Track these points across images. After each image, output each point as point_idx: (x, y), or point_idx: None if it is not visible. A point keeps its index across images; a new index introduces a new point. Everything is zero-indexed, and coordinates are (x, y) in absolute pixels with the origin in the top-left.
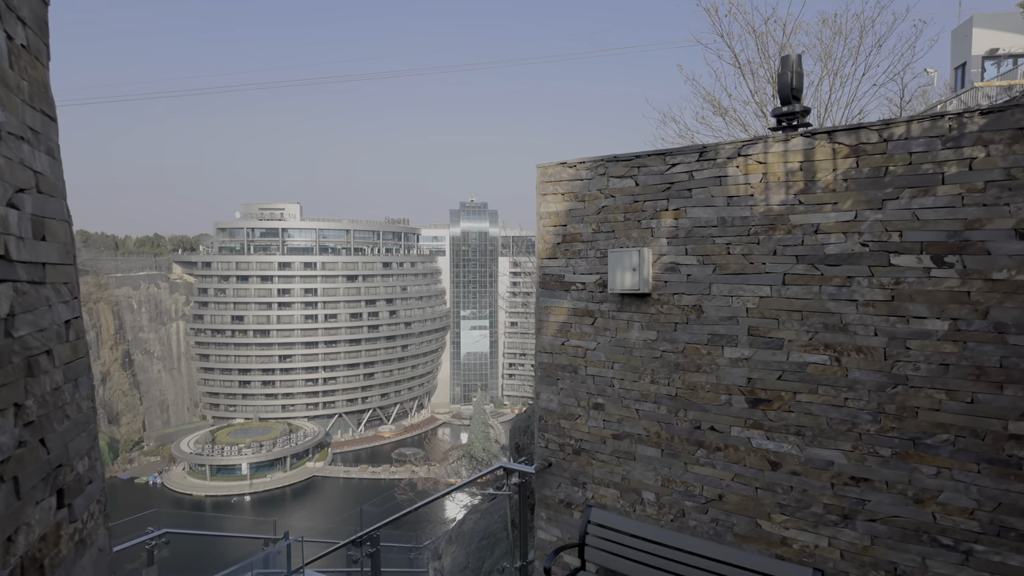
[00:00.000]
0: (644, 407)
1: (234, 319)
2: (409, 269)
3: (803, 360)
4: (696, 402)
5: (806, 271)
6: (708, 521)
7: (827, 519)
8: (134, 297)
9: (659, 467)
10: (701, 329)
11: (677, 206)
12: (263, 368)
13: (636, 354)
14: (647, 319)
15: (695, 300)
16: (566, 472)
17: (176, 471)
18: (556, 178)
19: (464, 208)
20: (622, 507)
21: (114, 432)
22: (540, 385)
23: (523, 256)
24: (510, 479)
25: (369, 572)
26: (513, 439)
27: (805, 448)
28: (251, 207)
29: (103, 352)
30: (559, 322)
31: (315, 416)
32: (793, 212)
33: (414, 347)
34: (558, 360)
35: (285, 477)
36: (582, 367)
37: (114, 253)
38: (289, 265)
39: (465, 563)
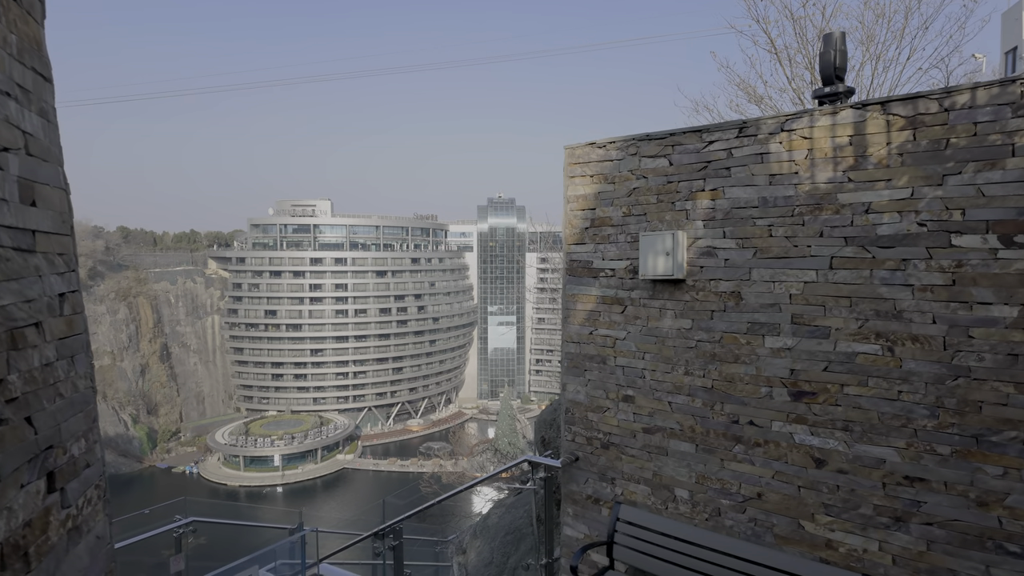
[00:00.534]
0: (677, 400)
1: (267, 313)
2: (437, 265)
3: (852, 350)
4: (734, 395)
5: (856, 254)
6: (746, 521)
7: (878, 521)
8: (171, 292)
9: (693, 463)
10: (740, 317)
11: (714, 186)
12: (295, 362)
13: (669, 344)
14: (681, 307)
15: (733, 286)
16: (594, 467)
17: (211, 461)
18: (584, 159)
19: (492, 204)
20: (653, 504)
21: (153, 423)
22: (567, 376)
23: (551, 252)
24: (536, 473)
25: (392, 565)
26: (539, 432)
27: (853, 445)
28: (284, 204)
29: (142, 345)
30: (587, 310)
31: (345, 409)
32: (842, 190)
33: (442, 342)
34: (586, 350)
35: (316, 469)
36: (611, 357)
37: (152, 249)
38: (320, 261)
39: (490, 558)
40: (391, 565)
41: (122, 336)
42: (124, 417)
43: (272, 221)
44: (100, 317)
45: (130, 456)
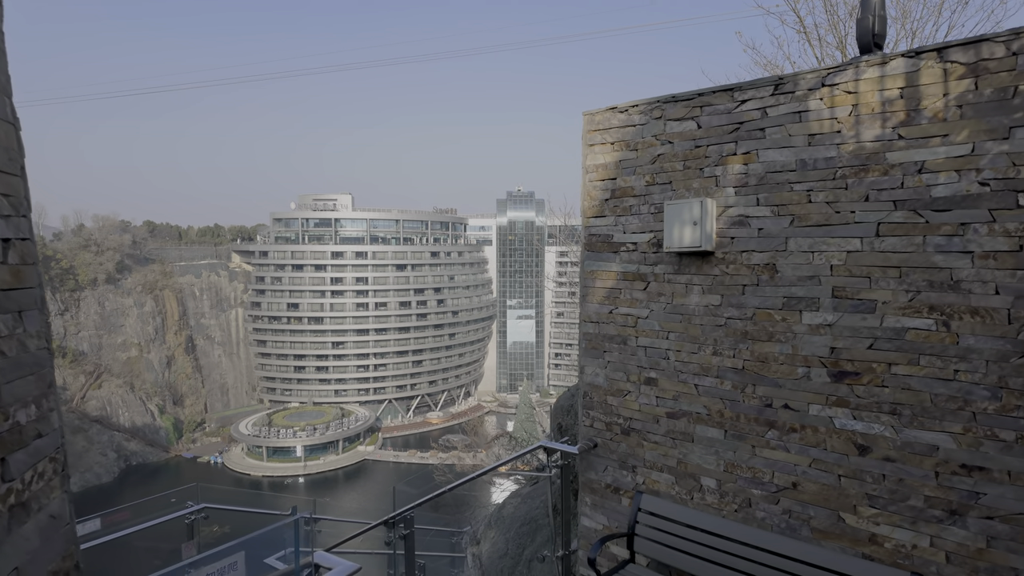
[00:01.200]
0: (705, 382)
1: (289, 306)
2: (456, 259)
3: (901, 325)
4: (767, 376)
5: (906, 219)
6: (779, 513)
7: (929, 515)
8: (196, 285)
9: (722, 450)
10: (775, 291)
11: (747, 149)
12: (317, 354)
13: (696, 322)
14: (709, 282)
15: (768, 258)
16: (613, 454)
17: (235, 451)
18: (605, 125)
19: (511, 197)
20: (677, 494)
21: (178, 413)
22: (585, 358)
23: (569, 246)
24: (551, 460)
25: (403, 555)
26: (555, 419)
27: (902, 430)
28: (305, 198)
29: (168, 337)
30: (607, 288)
31: (366, 401)
32: (891, 149)
33: (461, 336)
34: (605, 330)
35: (337, 460)
36: (632, 338)
37: (178, 243)
38: (341, 254)
39: (504, 549)
40: (401, 555)
41: (149, 328)
42: (151, 407)
43: (294, 215)
44: (128, 310)
45: (157, 446)
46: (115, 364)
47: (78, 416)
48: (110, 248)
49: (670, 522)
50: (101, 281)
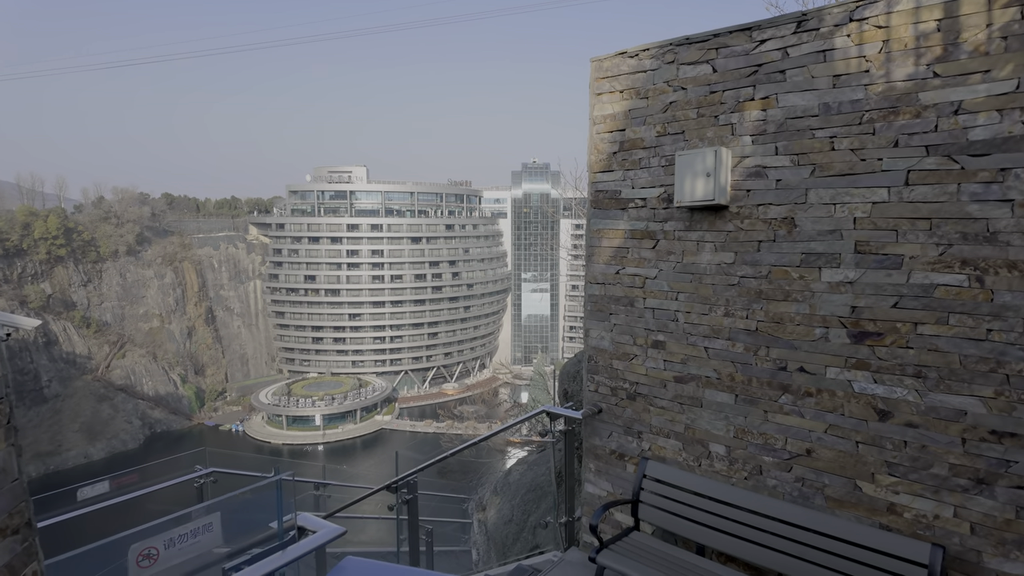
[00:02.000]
0: (715, 345)
1: (306, 278)
2: (471, 231)
3: (929, 281)
4: (782, 338)
5: (939, 165)
6: (791, 480)
7: (954, 483)
8: (215, 257)
9: (732, 415)
10: (792, 247)
11: (766, 93)
12: (334, 325)
13: (707, 281)
14: (722, 238)
15: (786, 211)
16: (619, 420)
17: (256, 420)
18: (613, 72)
19: (526, 169)
20: (684, 461)
21: (200, 382)
22: (590, 321)
23: (585, 218)
24: (554, 425)
25: (407, 520)
26: (562, 385)
27: (927, 394)
28: (320, 170)
29: (189, 308)
30: (613, 247)
31: (383, 372)
32: (925, 88)
33: (476, 308)
34: (611, 292)
35: (355, 429)
36: (640, 299)
37: (196, 215)
38: (357, 227)
39: (510, 515)
40: (406, 520)
41: (169, 300)
42: (174, 377)
43: (309, 187)
44: (148, 281)
45: (180, 414)
46: (138, 334)
47: (103, 385)
48: (130, 220)
49: (676, 489)
50: (122, 253)
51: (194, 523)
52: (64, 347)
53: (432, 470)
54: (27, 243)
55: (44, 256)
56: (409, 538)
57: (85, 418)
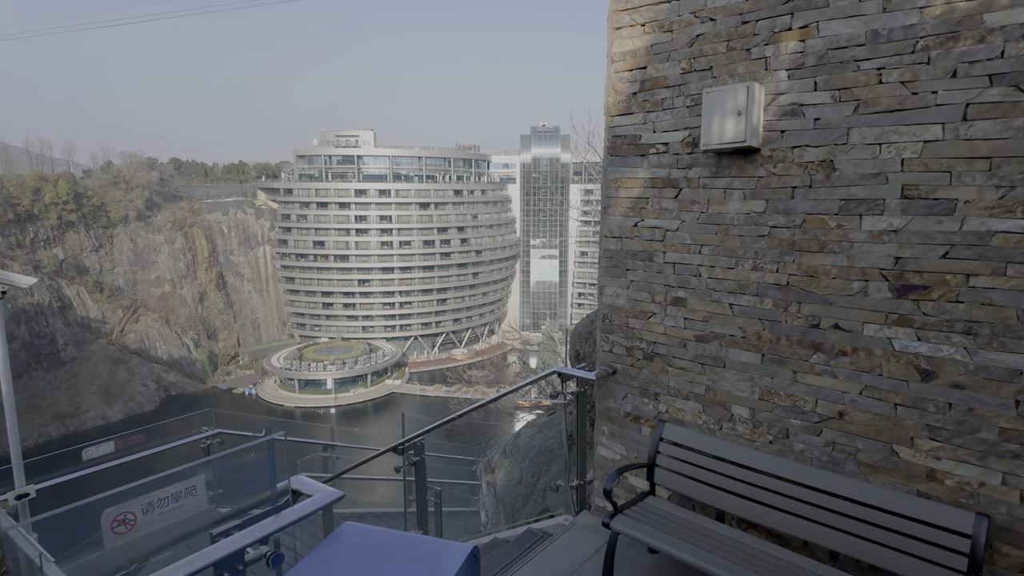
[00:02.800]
0: (741, 301)
1: (315, 244)
2: (480, 197)
3: (986, 228)
4: (815, 292)
5: (1005, 96)
6: (821, 445)
7: (1004, 448)
8: (224, 222)
9: (757, 376)
10: (830, 193)
11: (805, 22)
12: (344, 291)
13: (734, 232)
14: (753, 185)
15: (824, 153)
16: (634, 381)
17: (269, 384)
18: (635, 3)
19: (535, 133)
20: (704, 424)
21: (213, 347)
22: (605, 278)
23: (595, 184)
24: (566, 387)
25: (415, 482)
26: (573, 347)
27: (977, 352)
28: (328, 134)
29: (199, 273)
30: (632, 197)
31: (393, 338)
32: (990, 9)
33: (485, 275)
34: (629, 245)
35: (366, 392)
36: (659, 253)
37: (204, 180)
38: (365, 192)
39: (519, 478)
40: (413, 482)
41: (180, 265)
42: (187, 341)
43: (317, 152)
44: (159, 246)
45: (194, 377)
46: (150, 299)
47: (118, 348)
48: (139, 185)
49: (695, 452)
50: (132, 218)
51: (175, 486)
52: (79, 311)
53: (440, 433)
54: (38, 208)
55: (55, 221)
56: (417, 500)
57: (102, 381)
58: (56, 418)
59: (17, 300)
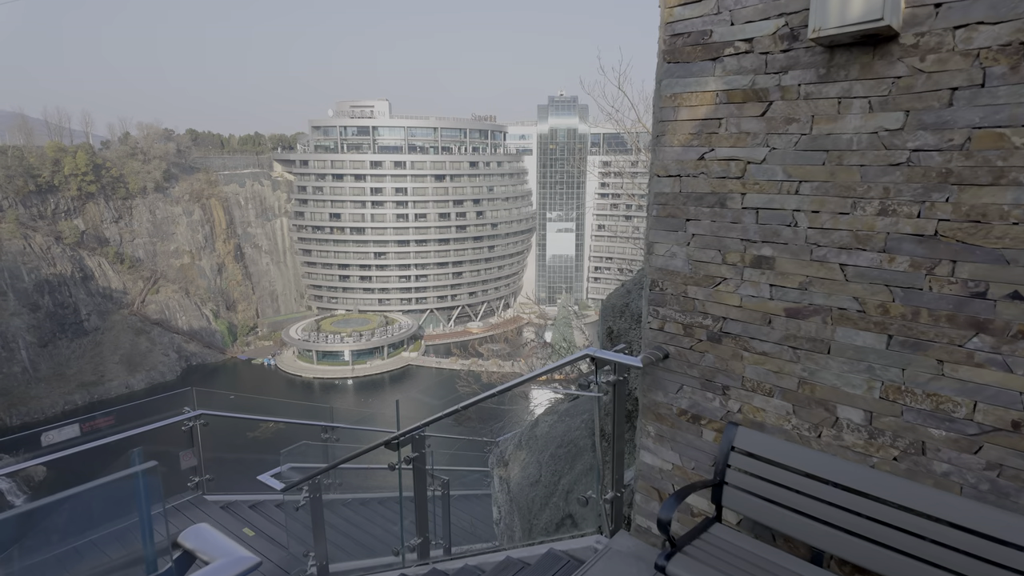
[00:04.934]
0: (859, 260)
1: (332, 216)
2: (496, 169)
3: None
4: (982, 246)
5: None
6: (979, 467)
7: None
8: (240, 194)
9: (880, 366)
10: (1018, 94)
11: None
12: (360, 264)
13: (851, 162)
14: (885, 89)
15: (1012, 32)
16: (694, 369)
17: (287, 355)
18: None
19: (552, 103)
20: (795, 429)
21: (232, 318)
22: (655, 232)
23: (614, 155)
24: (599, 375)
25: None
26: (605, 323)
27: None
28: (343, 105)
29: (218, 245)
30: (697, 120)
31: (409, 310)
32: None
33: (500, 248)
34: (691, 186)
35: (383, 364)
36: (735, 196)
37: (220, 151)
38: (380, 164)
39: (537, 475)
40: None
41: (198, 236)
42: (206, 312)
43: (332, 123)
44: (177, 218)
45: (214, 348)
46: (170, 270)
47: (140, 319)
48: (156, 157)
49: (782, 468)
50: (150, 189)
51: None
52: (100, 282)
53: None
54: (58, 179)
55: (75, 192)
56: (416, 503)
57: (124, 350)
58: (81, 386)
59: (41, 271)
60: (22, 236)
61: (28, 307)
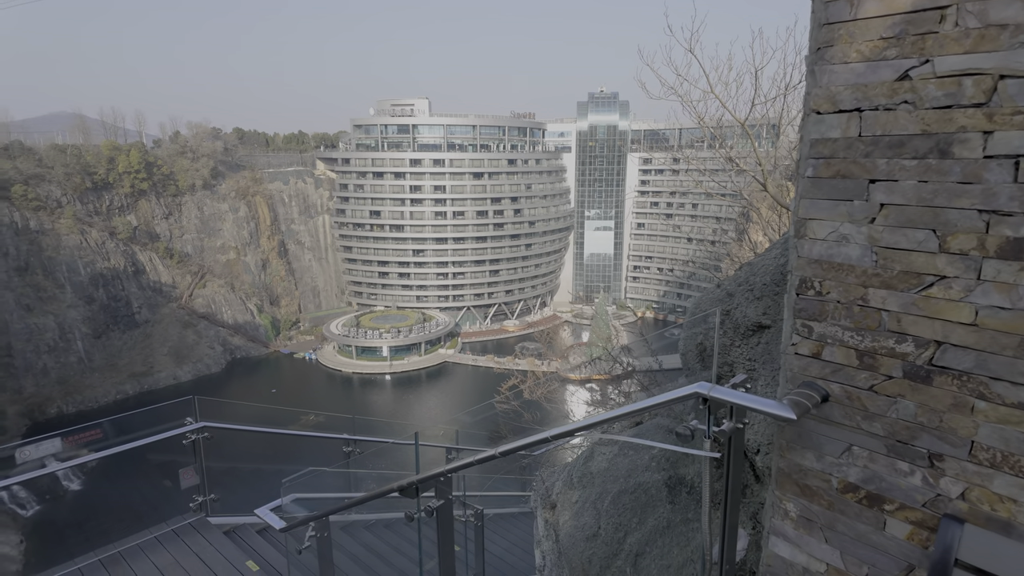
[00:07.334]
0: None
1: (372, 214)
2: (534, 167)
3: None
4: None
5: None
6: None
7: None
8: (284, 191)
9: None
10: None
11: None
12: (399, 261)
13: None
14: None
15: None
16: (875, 421)
17: (328, 349)
18: None
19: (592, 100)
20: None
21: (275, 312)
22: (810, 204)
23: (654, 152)
24: (711, 420)
25: (436, 534)
26: (691, 338)
27: None
28: (383, 103)
29: (262, 241)
30: (896, 15)
31: (446, 308)
32: None
33: (537, 246)
34: (881, 126)
35: (420, 361)
36: (971, 136)
37: (265, 150)
38: (419, 162)
39: (594, 528)
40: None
41: (244, 232)
42: (250, 307)
43: (373, 121)
44: (224, 215)
45: (257, 341)
46: (216, 266)
47: (187, 312)
48: (204, 155)
49: None
50: (198, 187)
51: None
52: (151, 276)
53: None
54: (112, 177)
55: (128, 189)
56: (441, 563)
57: (172, 343)
58: (132, 376)
59: (96, 265)
60: (79, 231)
61: (84, 299)
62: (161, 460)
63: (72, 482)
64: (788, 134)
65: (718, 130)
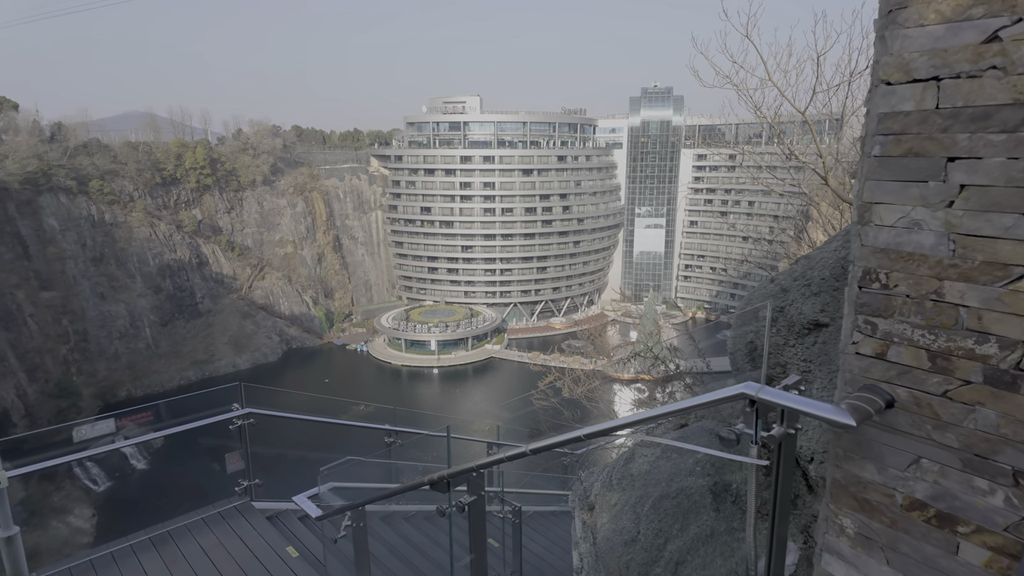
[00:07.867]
0: None
1: (422, 210)
2: (584, 163)
3: None
4: None
5: None
6: None
7: None
8: (339, 188)
9: None
10: None
11: None
12: (448, 256)
13: None
14: None
15: None
16: (948, 431)
17: (378, 342)
18: None
19: (645, 95)
20: None
21: (329, 305)
22: (877, 186)
23: (709, 147)
24: (759, 424)
25: (468, 528)
26: (741, 337)
27: None
28: (436, 101)
29: (318, 236)
30: None
31: (493, 304)
32: None
33: (586, 244)
34: (962, 96)
35: (467, 355)
36: None
37: (322, 147)
38: (470, 159)
39: (634, 532)
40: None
41: (301, 227)
42: (306, 299)
43: (425, 119)
44: (282, 210)
45: (312, 332)
46: (274, 259)
47: (247, 303)
48: (264, 152)
49: None
50: (259, 182)
51: None
52: (213, 268)
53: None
54: (179, 172)
55: (194, 184)
56: (473, 560)
57: (232, 332)
58: (194, 363)
59: (163, 256)
60: (148, 224)
61: (152, 289)
62: (212, 444)
63: (139, 461)
64: (852, 125)
65: (776, 122)
